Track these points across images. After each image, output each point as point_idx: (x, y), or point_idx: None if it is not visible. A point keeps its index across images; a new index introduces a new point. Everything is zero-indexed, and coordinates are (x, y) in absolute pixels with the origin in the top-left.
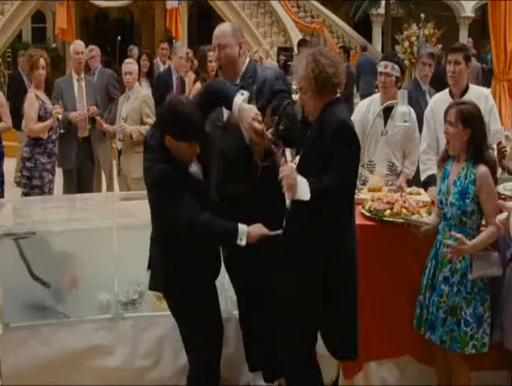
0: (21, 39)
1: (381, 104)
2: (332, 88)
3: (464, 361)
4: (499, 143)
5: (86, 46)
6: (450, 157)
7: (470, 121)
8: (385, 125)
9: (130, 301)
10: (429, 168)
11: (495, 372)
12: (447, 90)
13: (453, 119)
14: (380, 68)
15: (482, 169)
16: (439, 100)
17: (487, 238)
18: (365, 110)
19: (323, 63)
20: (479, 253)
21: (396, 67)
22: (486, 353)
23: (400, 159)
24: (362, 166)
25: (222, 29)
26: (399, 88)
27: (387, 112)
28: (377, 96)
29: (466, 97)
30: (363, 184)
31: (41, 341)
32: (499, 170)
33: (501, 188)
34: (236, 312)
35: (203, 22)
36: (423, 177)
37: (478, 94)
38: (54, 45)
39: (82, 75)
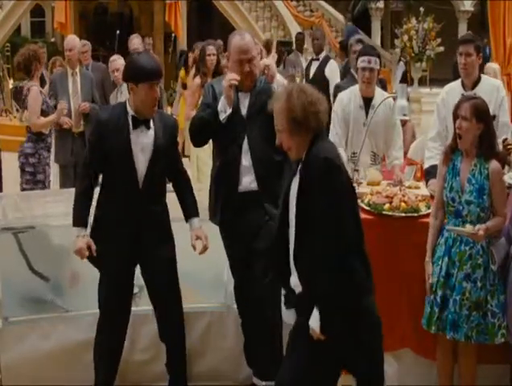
0: (20, 33)
1: (362, 97)
2: (315, 126)
3: (474, 353)
4: (505, 139)
5: (86, 40)
6: (455, 153)
7: (483, 116)
8: (366, 117)
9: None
10: (434, 157)
11: (494, 366)
12: (459, 81)
13: (468, 114)
14: (364, 64)
15: (495, 164)
16: (451, 90)
17: (497, 224)
18: (346, 102)
19: (303, 101)
20: (495, 243)
21: (377, 60)
22: (490, 347)
23: (381, 148)
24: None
25: (248, 42)
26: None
27: (367, 103)
28: (355, 88)
29: (478, 88)
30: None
31: (40, 335)
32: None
33: (506, 177)
34: (235, 306)
35: (202, 16)
36: (426, 165)
37: (490, 85)
38: (53, 39)
39: (77, 70)
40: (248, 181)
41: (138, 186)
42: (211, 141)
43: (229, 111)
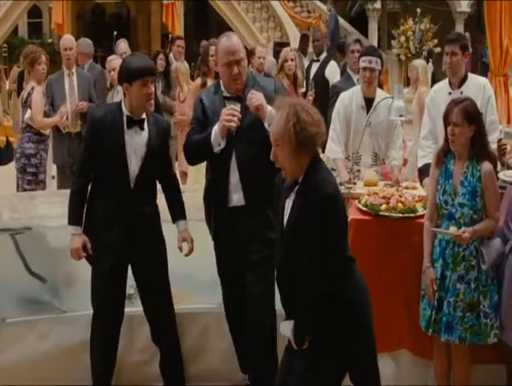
0: (17, 33)
1: (364, 97)
2: (312, 149)
3: (467, 354)
4: (499, 140)
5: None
6: (447, 156)
7: (474, 118)
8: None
9: (126, 295)
10: (427, 156)
11: (491, 366)
12: (446, 80)
13: (459, 119)
14: (364, 64)
15: (487, 166)
16: (439, 89)
17: (486, 227)
18: (347, 102)
19: (305, 120)
20: (488, 243)
21: (379, 61)
22: (485, 347)
23: (383, 149)
24: (347, 158)
25: (236, 43)
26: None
27: (369, 103)
28: (357, 89)
29: (465, 87)
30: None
31: (37, 336)
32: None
33: (501, 175)
34: None
35: (199, 17)
36: (419, 164)
37: (477, 84)
38: (50, 40)
39: (73, 70)
40: (238, 198)
41: (130, 186)
42: None
43: (223, 144)
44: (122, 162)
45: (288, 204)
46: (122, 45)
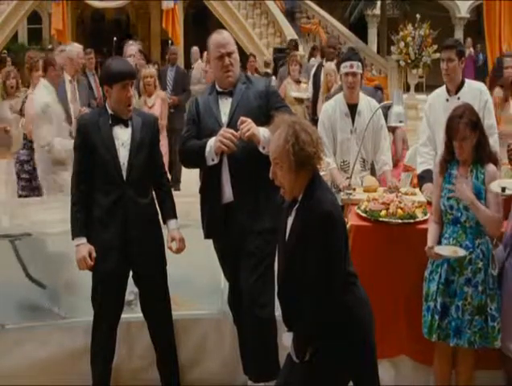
0: (17, 39)
1: (347, 104)
2: (311, 167)
3: (473, 357)
4: (509, 145)
5: (84, 47)
6: (450, 162)
7: (476, 125)
8: (352, 124)
9: (126, 302)
10: (426, 162)
11: (490, 372)
12: (443, 86)
13: (467, 134)
14: (345, 69)
15: (491, 167)
16: (437, 96)
17: (491, 216)
18: (331, 112)
19: (304, 140)
20: (497, 249)
21: (360, 64)
22: (485, 352)
23: (370, 153)
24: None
25: (226, 36)
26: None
27: (353, 109)
28: (339, 97)
29: (462, 92)
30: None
31: (37, 342)
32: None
33: (495, 184)
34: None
35: (198, 22)
36: (419, 170)
37: (473, 89)
38: (50, 46)
39: (75, 77)
40: (229, 194)
41: (123, 179)
42: None
43: (217, 160)
44: (113, 154)
45: (289, 222)
46: (132, 47)
